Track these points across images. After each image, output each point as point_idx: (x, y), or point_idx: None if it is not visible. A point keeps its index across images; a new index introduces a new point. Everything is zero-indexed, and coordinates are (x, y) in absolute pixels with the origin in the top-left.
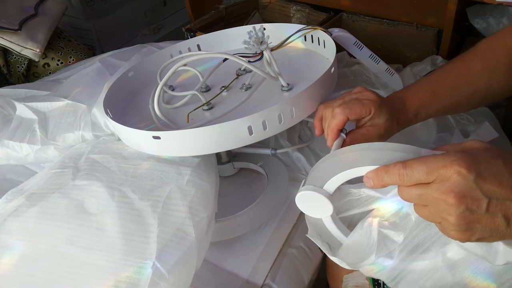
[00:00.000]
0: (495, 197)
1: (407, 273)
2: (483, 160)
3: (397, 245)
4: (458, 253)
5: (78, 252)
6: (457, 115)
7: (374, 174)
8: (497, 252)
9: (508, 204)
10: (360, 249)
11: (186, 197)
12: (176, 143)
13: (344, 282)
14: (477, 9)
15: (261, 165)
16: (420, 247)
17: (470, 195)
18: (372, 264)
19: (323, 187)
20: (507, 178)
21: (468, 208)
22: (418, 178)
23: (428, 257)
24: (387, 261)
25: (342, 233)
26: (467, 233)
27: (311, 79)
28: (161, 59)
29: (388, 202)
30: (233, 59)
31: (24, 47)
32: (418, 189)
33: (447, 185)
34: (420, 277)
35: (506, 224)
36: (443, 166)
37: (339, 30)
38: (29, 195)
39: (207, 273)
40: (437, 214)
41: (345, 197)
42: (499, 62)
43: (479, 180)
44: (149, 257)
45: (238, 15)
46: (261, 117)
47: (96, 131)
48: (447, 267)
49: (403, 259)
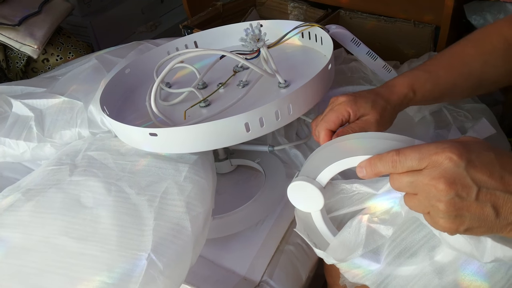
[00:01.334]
0: (485, 186)
1: (393, 279)
2: (475, 150)
3: (386, 240)
4: (446, 256)
5: (71, 242)
6: (454, 111)
7: (367, 163)
8: (485, 248)
9: (498, 195)
10: (348, 247)
11: (183, 192)
12: (173, 140)
13: (341, 279)
14: (475, 5)
15: (258, 162)
16: (408, 251)
17: (460, 182)
18: (358, 268)
19: (316, 179)
20: (497, 170)
21: (458, 195)
22: (410, 164)
23: (415, 262)
24: (373, 265)
25: (330, 232)
26: (456, 221)
27: (308, 76)
28: (158, 56)
29: (379, 200)
30: (230, 56)
31: (23, 43)
32: (409, 176)
33: (438, 171)
34: (406, 283)
35: (495, 214)
36: (435, 153)
37: (336, 27)
38: (25, 191)
39: (204, 270)
40: (426, 202)
41: (337, 194)
42: (494, 48)
43: (469, 168)
44: (144, 249)
45: (235, 12)
46: (258, 114)
47: (93, 128)
48: (434, 271)
49: (389, 263)
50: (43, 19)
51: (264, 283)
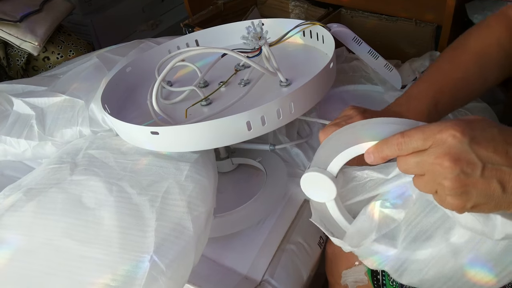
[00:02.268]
0: (490, 162)
1: (411, 263)
2: (478, 127)
3: (398, 224)
4: (461, 237)
5: (74, 245)
6: (456, 111)
7: (374, 148)
8: (495, 226)
9: (504, 170)
10: (363, 233)
11: (185, 192)
12: (174, 139)
13: (343, 278)
14: (476, 5)
15: (259, 161)
16: (423, 234)
17: (465, 158)
18: (376, 255)
19: (326, 169)
20: (502, 145)
21: (463, 171)
22: (415, 145)
23: (432, 245)
24: (390, 250)
25: (346, 220)
26: (463, 197)
27: (310, 74)
28: (159, 54)
29: (391, 186)
30: (231, 54)
31: (24, 40)
32: (415, 157)
33: (442, 149)
34: (424, 266)
35: (501, 190)
36: (439, 131)
37: (338, 25)
38: (26, 191)
39: (205, 269)
40: (433, 181)
41: (350, 181)
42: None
43: (473, 144)
44: (146, 250)
45: (237, 10)
46: (259, 112)
47: (94, 127)
48: (451, 252)
49: (406, 247)
50: (44, 17)
51: (266, 282)
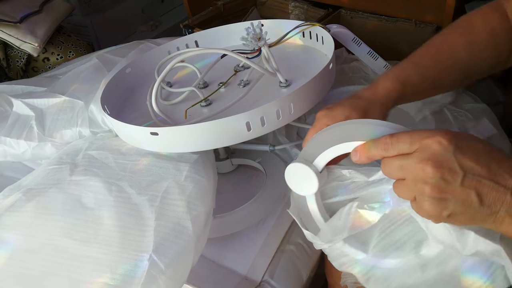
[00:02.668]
0: (471, 172)
1: (378, 270)
2: (465, 138)
3: (372, 227)
4: (431, 250)
5: (74, 244)
6: (455, 111)
7: (362, 147)
8: (467, 241)
9: (483, 182)
10: (336, 232)
11: (184, 192)
12: (174, 139)
13: (343, 279)
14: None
15: (259, 162)
16: (394, 243)
17: (447, 166)
18: (345, 256)
19: (312, 162)
20: (485, 159)
21: (443, 178)
22: (401, 147)
23: (401, 255)
24: (360, 254)
25: (323, 217)
26: (440, 204)
27: (310, 75)
28: (159, 55)
29: (371, 192)
30: (231, 55)
31: (23, 41)
32: (399, 160)
33: (427, 154)
34: (390, 274)
35: (479, 202)
36: (426, 137)
37: (337, 26)
38: (26, 191)
39: (205, 270)
40: (413, 186)
41: (333, 180)
42: (480, 37)
43: (457, 153)
44: (146, 250)
45: (236, 11)
46: (259, 113)
47: (93, 128)
48: (418, 264)
49: (375, 254)
50: (43, 18)
51: (265, 282)
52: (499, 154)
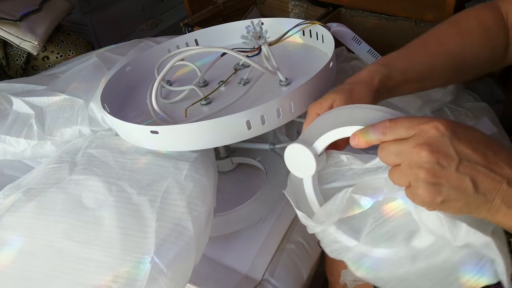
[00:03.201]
0: (467, 159)
1: (368, 259)
2: (462, 127)
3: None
4: (422, 242)
5: (76, 247)
6: (455, 110)
7: (360, 131)
8: (459, 233)
9: (479, 169)
10: (329, 216)
11: (184, 191)
12: (174, 138)
13: (342, 277)
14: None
15: (259, 160)
16: (386, 233)
17: (443, 151)
18: (337, 243)
19: (312, 145)
20: (482, 147)
21: (438, 163)
22: (399, 132)
23: (392, 245)
24: (351, 241)
25: (318, 202)
26: (434, 189)
27: (310, 73)
28: (159, 53)
29: (367, 180)
30: (231, 53)
31: (23, 39)
32: (396, 144)
33: (423, 138)
34: (380, 264)
35: (473, 188)
36: (424, 122)
37: (337, 25)
38: (26, 190)
39: (205, 268)
40: (408, 170)
41: (332, 166)
42: (471, 30)
43: (454, 139)
44: (147, 252)
45: (236, 10)
46: (259, 112)
47: (93, 126)
48: (408, 255)
49: (366, 242)
50: (43, 17)
51: (266, 281)
52: (496, 144)
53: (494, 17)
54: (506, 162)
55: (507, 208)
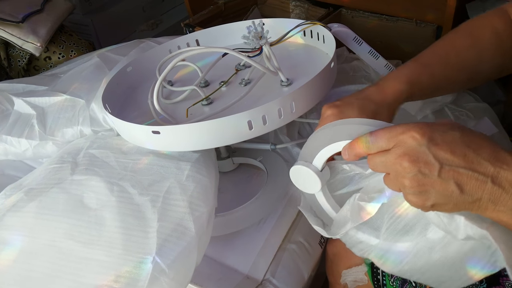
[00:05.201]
0: (447, 164)
1: (392, 254)
2: (439, 130)
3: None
4: (436, 233)
5: (77, 247)
6: (456, 110)
7: (348, 146)
8: (458, 226)
9: (461, 172)
10: (344, 223)
11: (186, 192)
12: (175, 138)
13: (343, 277)
14: (477, 5)
15: (260, 160)
16: (403, 227)
17: (422, 159)
18: (360, 243)
19: (312, 163)
20: (460, 148)
21: (420, 171)
22: (380, 145)
23: (410, 238)
24: (373, 240)
25: (333, 209)
26: (422, 196)
27: (311, 74)
28: (160, 54)
29: (372, 181)
30: (232, 53)
31: (26, 40)
32: (381, 156)
33: (402, 149)
34: (403, 257)
35: (459, 191)
36: (401, 132)
37: (338, 25)
38: (27, 191)
39: (206, 268)
40: (396, 180)
41: (339, 173)
42: (486, 41)
43: (431, 146)
44: (149, 252)
45: (237, 10)
46: (261, 112)
47: (94, 126)
48: (426, 247)
49: (386, 239)
50: (45, 18)
51: (267, 281)
52: (478, 142)
53: (505, 23)
54: (489, 160)
55: (494, 205)
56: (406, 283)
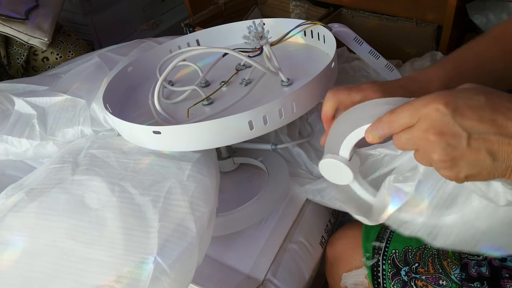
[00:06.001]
0: (476, 132)
1: (440, 229)
2: (463, 96)
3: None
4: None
5: (79, 247)
6: None
7: (371, 128)
8: (497, 193)
9: (491, 139)
10: (383, 206)
11: (187, 192)
12: (176, 138)
13: (343, 280)
14: (477, 5)
15: (261, 160)
16: (445, 201)
17: (449, 131)
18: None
19: (339, 154)
20: (488, 113)
21: (449, 144)
22: (404, 122)
23: (455, 211)
24: (417, 218)
25: (371, 195)
26: (453, 169)
27: (311, 74)
28: (160, 54)
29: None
30: (233, 53)
31: (32, 36)
32: (406, 133)
33: (427, 123)
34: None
35: (491, 159)
36: (423, 105)
37: (338, 25)
38: (28, 191)
39: (207, 269)
40: (426, 155)
41: (368, 158)
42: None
43: (456, 116)
44: (150, 252)
45: (237, 10)
46: (262, 112)
47: (95, 126)
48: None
49: (431, 214)
50: (44, 12)
51: (268, 281)
52: (506, 104)
53: None
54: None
55: None
56: (406, 286)
